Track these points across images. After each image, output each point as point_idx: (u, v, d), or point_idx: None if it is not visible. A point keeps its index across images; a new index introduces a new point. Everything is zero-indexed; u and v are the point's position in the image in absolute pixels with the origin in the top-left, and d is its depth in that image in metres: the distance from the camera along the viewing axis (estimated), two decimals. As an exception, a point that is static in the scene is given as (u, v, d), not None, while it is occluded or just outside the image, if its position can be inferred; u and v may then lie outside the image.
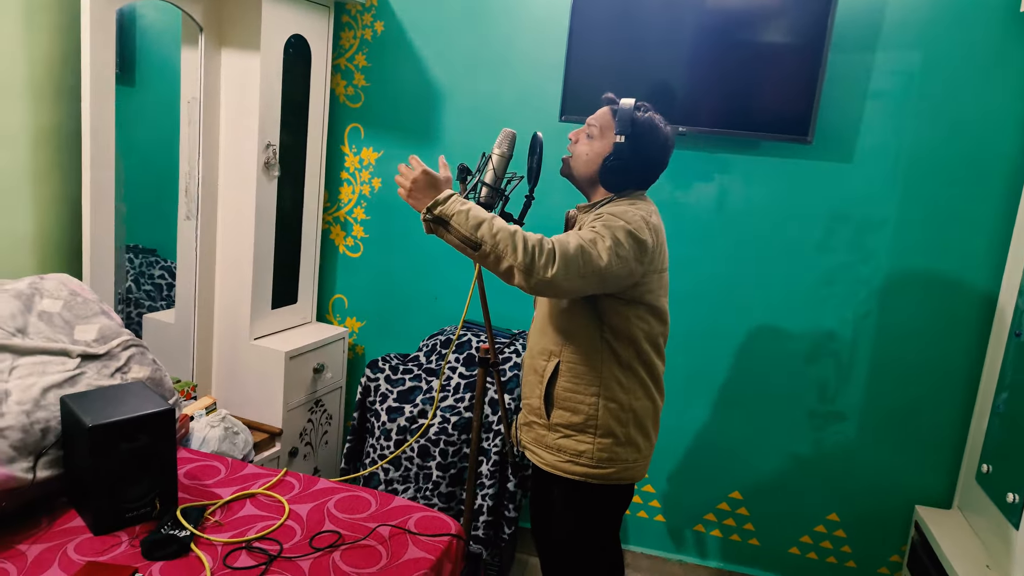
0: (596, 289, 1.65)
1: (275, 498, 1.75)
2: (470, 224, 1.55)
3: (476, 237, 1.54)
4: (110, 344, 1.82)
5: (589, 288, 1.63)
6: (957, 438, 2.46)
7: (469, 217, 1.56)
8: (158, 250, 2.80)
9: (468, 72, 2.68)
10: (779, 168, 2.47)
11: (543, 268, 1.53)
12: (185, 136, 2.42)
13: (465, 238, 1.55)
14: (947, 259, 2.40)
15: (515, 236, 1.54)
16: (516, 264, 1.53)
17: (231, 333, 2.57)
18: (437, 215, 1.58)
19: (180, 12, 2.29)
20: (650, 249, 1.67)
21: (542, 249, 1.54)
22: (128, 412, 1.56)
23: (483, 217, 1.56)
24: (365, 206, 2.85)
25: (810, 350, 2.55)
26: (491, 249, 1.54)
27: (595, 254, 1.58)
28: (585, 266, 1.57)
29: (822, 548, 2.65)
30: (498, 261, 1.55)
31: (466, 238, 1.55)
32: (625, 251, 1.62)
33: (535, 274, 1.53)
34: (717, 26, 2.38)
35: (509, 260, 1.53)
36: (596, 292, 1.68)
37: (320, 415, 2.77)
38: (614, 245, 1.60)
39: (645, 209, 1.73)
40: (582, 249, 1.57)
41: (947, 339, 2.43)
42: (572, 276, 1.56)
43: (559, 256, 1.54)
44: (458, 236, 1.56)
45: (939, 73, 2.32)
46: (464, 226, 1.55)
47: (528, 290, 1.58)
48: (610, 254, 1.59)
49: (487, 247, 1.54)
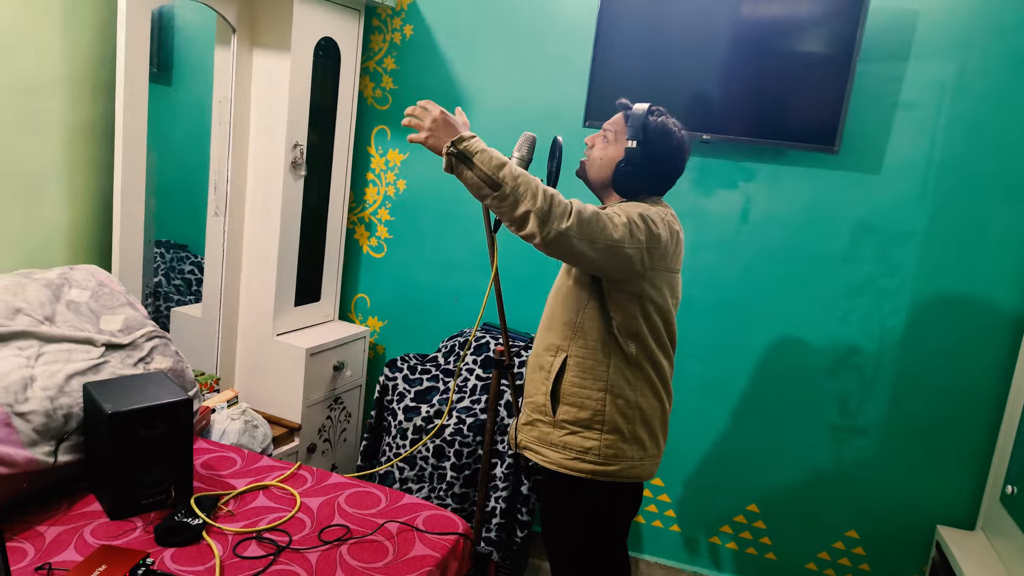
0: (604, 263, 1.62)
1: (287, 491, 1.78)
2: (493, 163, 1.55)
3: (498, 177, 1.54)
4: (134, 335, 1.87)
5: (598, 259, 1.60)
6: (982, 458, 2.40)
7: (493, 157, 1.56)
8: (189, 246, 2.86)
9: (494, 76, 2.70)
10: (804, 177, 2.44)
11: (558, 218, 1.53)
12: (216, 135, 2.47)
13: (487, 176, 1.54)
14: (976, 275, 2.35)
15: (535, 182, 1.55)
16: (533, 209, 1.52)
17: (255, 328, 2.62)
18: (462, 150, 1.57)
19: (214, 13, 2.34)
20: (663, 242, 1.67)
21: (560, 201, 1.55)
22: (147, 401, 1.61)
23: (505, 160, 1.57)
24: (390, 207, 2.89)
25: (832, 363, 2.51)
26: (511, 191, 1.53)
27: (610, 226, 1.59)
28: (599, 232, 1.57)
29: (840, 565, 2.60)
30: (515, 205, 1.53)
31: (487, 176, 1.54)
32: (639, 232, 1.62)
33: (550, 222, 1.52)
34: (744, 34, 2.37)
35: (527, 204, 1.53)
36: (602, 270, 1.66)
37: (339, 412, 2.80)
38: (629, 223, 1.62)
39: (661, 210, 1.73)
40: (598, 216, 1.58)
41: (974, 356, 2.38)
42: (584, 237, 1.55)
43: (575, 212, 1.55)
44: (479, 175, 1.55)
45: (974, 86, 2.27)
46: (487, 164, 1.55)
47: (540, 241, 1.56)
48: (624, 230, 1.60)
49: (507, 188, 1.53)
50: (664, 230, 1.67)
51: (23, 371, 1.62)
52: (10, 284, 1.79)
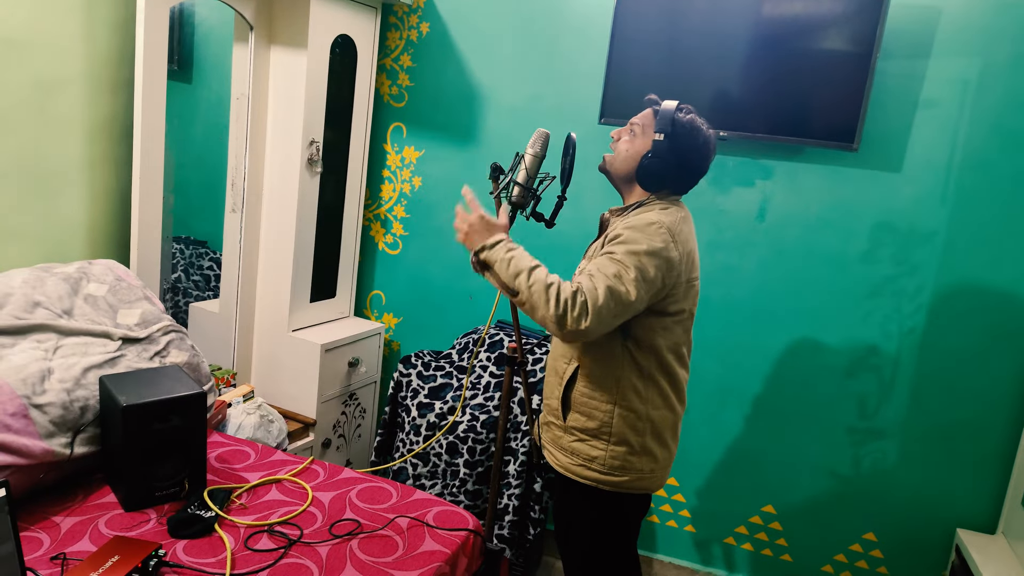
0: (626, 318, 1.66)
1: (300, 485, 1.79)
2: (509, 273, 1.64)
3: (514, 286, 1.63)
4: (151, 329, 1.89)
5: (621, 321, 1.66)
6: (1003, 461, 2.36)
7: (510, 266, 1.64)
8: (208, 242, 2.89)
9: (510, 74, 2.69)
10: (823, 175, 2.42)
11: (575, 321, 1.58)
12: (233, 132, 2.49)
13: (504, 285, 1.66)
14: (998, 275, 2.30)
15: (548, 290, 1.59)
16: (548, 316, 1.59)
17: (271, 324, 2.64)
18: (482, 259, 1.69)
19: (232, 11, 2.36)
20: (676, 264, 1.66)
21: (574, 303, 1.58)
22: (162, 394, 1.62)
23: (522, 267, 1.63)
24: (405, 204, 2.90)
25: (851, 364, 2.48)
26: (526, 299, 1.62)
27: (623, 291, 1.60)
28: (616, 306, 1.60)
29: (857, 568, 2.57)
30: (533, 310, 1.62)
31: (504, 285, 1.66)
32: (651, 275, 1.62)
33: (567, 326, 1.58)
34: (762, 32, 2.34)
35: (542, 311, 1.60)
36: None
37: (354, 408, 2.81)
38: (639, 275, 1.61)
39: (674, 216, 1.71)
40: (610, 292, 1.59)
41: (995, 357, 2.33)
42: (604, 321, 1.60)
43: (591, 309, 1.58)
44: (498, 282, 1.68)
45: (997, 83, 2.23)
46: (504, 274, 1.65)
47: (562, 339, 1.66)
48: (637, 287, 1.60)
49: (523, 296, 1.62)
50: (675, 248, 1.66)
51: (41, 363, 1.64)
52: (29, 278, 1.82)
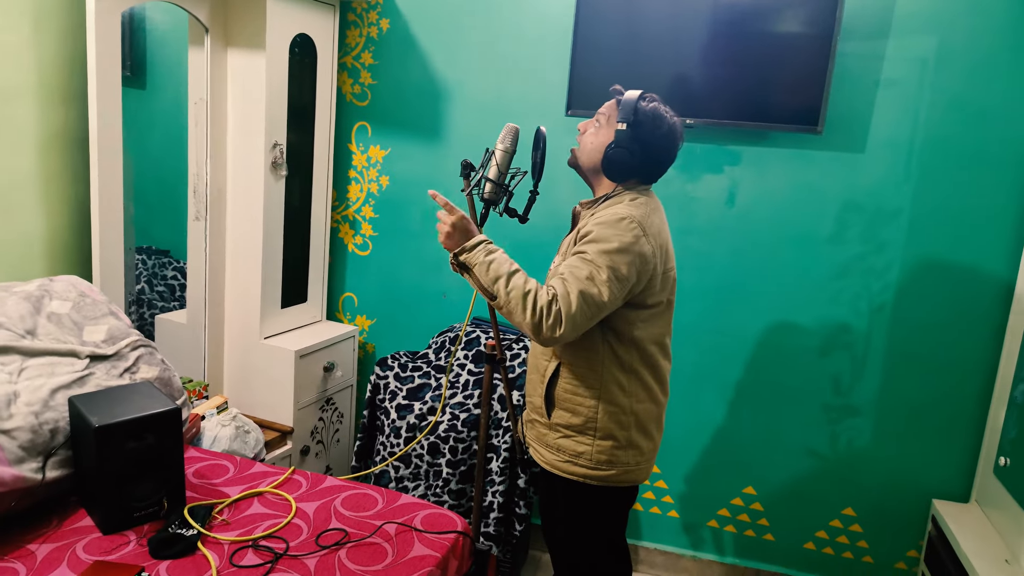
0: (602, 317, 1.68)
1: (282, 496, 1.75)
2: (488, 277, 1.65)
3: (492, 290, 1.65)
4: (119, 345, 1.84)
5: (596, 321, 1.67)
6: (974, 431, 2.41)
7: (489, 270, 1.65)
8: (171, 251, 2.82)
9: (475, 68, 2.67)
10: (789, 159, 2.44)
11: (550, 329, 1.61)
12: (193, 137, 2.43)
13: (482, 288, 1.67)
14: (963, 249, 2.35)
15: (526, 298, 1.61)
16: (524, 323, 1.62)
17: (242, 333, 2.59)
18: (462, 261, 1.69)
19: (186, 14, 2.30)
20: (650, 257, 1.66)
21: (549, 311, 1.60)
22: (135, 412, 1.58)
23: (501, 272, 1.64)
24: (373, 204, 2.86)
25: (824, 344, 2.51)
26: (504, 303, 1.64)
27: (595, 293, 1.61)
28: (589, 310, 1.62)
29: (838, 543, 2.61)
30: (510, 315, 1.64)
31: (483, 288, 1.67)
32: (624, 273, 1.62)
33: (542, 334, 1.61)
34: (723, 17, 2.35)
35: (518, 317, 1.62)
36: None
37: (331, 413, 2.77)
38: (612, 275, 1.61)
39: (645, 208, 1.70)
40: (583, 297, 1.60)
41: (963, 330, 2.39)
42: (579, 326, 1.63)
43: (565, 318, 1.60)
44: (477, 284, 1.68)
45: (955, 60, 2.27)
46: (483, 277, 1.66)
47: (539, 344, 1.67)
48: (610, 287, 1.61)
49: (500, 301, 1.64)
50: (646, 244, 1.65)
51: (6, 387, 1.58)
52: (-12, 299, 1.75)
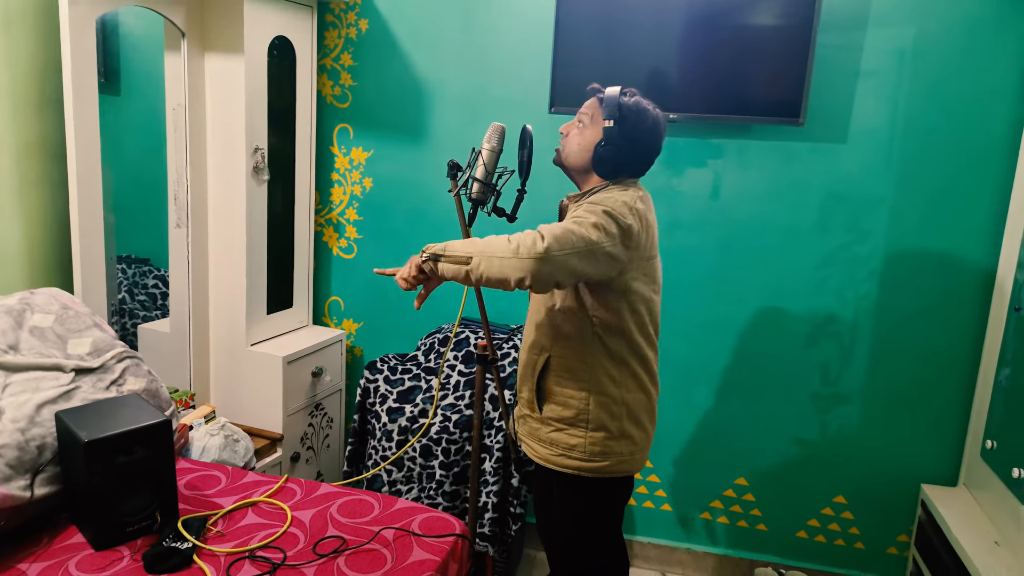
0: (590, 268, 1.62)
1: (277, 505, 1.73)
2: (458, 247, 1.63)
3: (466, 253, 1.61)
4: (104, 357, 1.80)
5: (584, 265, 1.60)
6: (960, 415, 2.45)
7: (455, 242, 1.65)
8: (151, 259, 2.77)
9: (455, 67, 2.65)
10: (772, 151, 2.45)
11: (532, 246, 1.55)
12: (172, 143, 2.39)
13: (457, 259, 1.62)
14: (945, 236, 2.38)
15: (498, 237, 1.61)
16: (506, 256, 1.56)
17: (227, 340, 2.56)
18: (432, 254, 1.66)
19: (162, 18, 2.26)
20: (635, 233, 1.66)
21: (527, 235, 1.58)
22: (124, 425, 1.55)
23: (468, 240, 1.66)
24: (357, 207, 2.83)
25: (811, 333, 2.53)
26: (480, 256, 1.59)
27: (582, 231, 1.60)
28: (577, 239, 1.58)
29: (830, 531, 2.64)
30: (490, 263, 1.58)
31: (457, 258, 1.62)
32: (610, 229, 1.62)
33: (526, 255, 1.55)
34: (703, 11, 2.35)
35: (499, 255, 1.57)
36: (589, 276, 1.65)
37: (321, 419, 2.75)
38: (598, 222, 1.61)
39: (632, 195, 1.71)
40: (568, 228, 1.59)
41: (947, 316, 2.41)
42: (566, 251, 1.56)
43: (547, 234, 1.57)
44: (451, 260, 1.63)
45: (933, 50, 2.30)
46: (454, 248, 1.63)
47: (531, 277, 1.56)
48: (597, 231, 1.61)
49: (476, 257, 1.60)
50: (633, 219, 1.66)
51: (-10, 404, 1.54)
52: (-32, 314, 1.71)
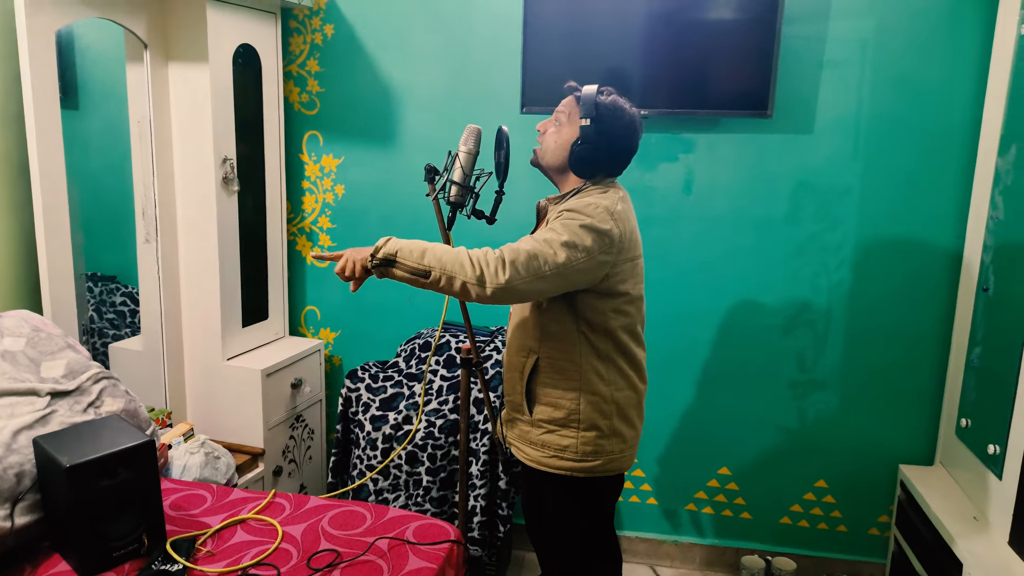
0: (563, 287, 1.65)
1: (267, 521, 1.71)
2: (415, 255, 1.60)
3: (424, 265, 1.59)
4: (79, 379, 1.76)
5: (554, 287, 1.63)
6: (935, 395, 2.50)
7: (412, 249, 1.61)
8: (118, 276, 2.72)
9: (424, 70, 2.64)
10: (742, 144, 2.48)
11: (494, 275, 1.56)
12: (138, 157, 2.34)
13: (414, 269, 1.60)
14: (912, 222, 2.43)
15: (459, 255, 1.59)
16: (467, 279, 1.57)
17: (203, 355, 2.51)
18: (382, 258, 1.62)
19: (122, 30, 2.21)
20: (616, 239, 1.66)
21: (488, 260, 1.58)
22: (106, 448, 1.51)
23: (424, 246, 1.61)
24: (330, 214, 2.80)
25: (786, 322, 2.57)
26: (440, 272, 1.58)
27: (550, 253, 1.59)
28: (543, 266, 1.58)
29: (812, 515, 2.68)
30: (450, 282, 1.58)
31: (415, 269, 1.59)
32: (586, 244, 1.61)
33: (488, 283, 1.56)
34: (669, 7, 2.37)
35: (460, 277, 1.57)
36: (565, 290, 1.67)
37: (302, 431, 2.71)
38: (571, 240, 1.60)
39: (611, 197, 1.71)
40: (535, 252, 1.58)
41: (917, 300, 2.47)
42: (529, 278, 1.58)
43: (508, 262, 1.57)
44: (407, 270, 1.60)
45: (893, 39, 2.35)
46: (410, 258, 1.60)
47: (489, 300, 1.60)
48: (568, 250, 1.60)
49: (436, 272, 1.58)
50: (614, 224, 1.66)
51: (-37, 433, 1.49)
52: (-66, 341, 1.65)
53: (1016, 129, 2.08)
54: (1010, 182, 2.09)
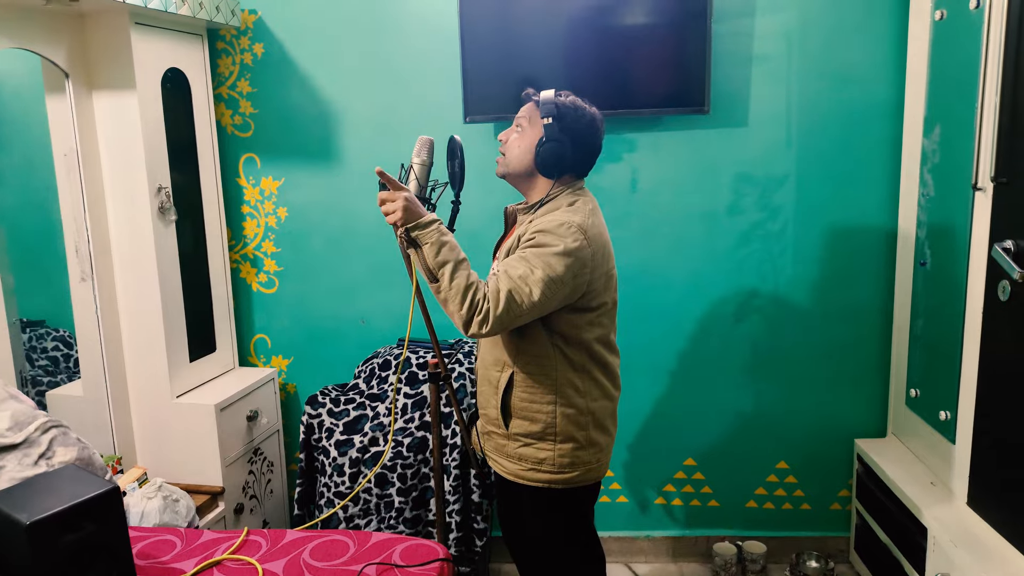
0: (540, 315, 1.68)
1: (244, 561, 1.63)
2: (438, 259, 1.63)
3: (437, 274, 1.64)
4: (27, 430, 1.64)
5: (532, 318, 1.67)
6: (883, 369, 2.61)
7: (440, 252, 1.63)
8: (47, 320, 2.57)
9: (361, 85, 2.59)
10: (682, 140, 2.54)
11: (478, 325, 1.62)
12: (66, 191, 2.22)
13: (426, 268, 1.65)
14: (847, 205, 2.53)
15: (466, 291, 1.61)
16: (457, 314, 1.63)
17: (150, 395, 2.39)
18: (413, 237, 1.64)
19: (39, 60, 2.09)
20: (589, 258, 1.67)
21: (480, 309, 1.62)
22: (67, 500, 1.40)
23: (450, 259, 1.63)
24: (274, 238, 2.72)
25: (737, 310, 2.63)
26: (444, 290, 1.63)
27: (526, 292, 1.61)
28: (519, 307, 1.62)
29: (776, 496, 2.75)
30: (446, 303, 1.65)
31: (427, 269, 1.64)
32: (560, 274, 1.63)
33: (471, 329, 1.64)
34: (602, 10, 2.41)
35: (453, 308, 1.64)
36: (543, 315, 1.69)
37: (261, 464, 2.61)
38: (545, 275, 1.62)
39: (582, 211, 1.72)
40: (511, 297, 1.61)
41: (859, 279, 2.57)
42: (507, 323, 1.64)
43: (492, 318, 1.61)
44: (421, 263, 1.65)
45: (815, 31, 2.44)
46: (432, 258, 1.63)
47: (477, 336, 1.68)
48: (543, 287, 1.61)
49: (442, 286, 1.63)
50: (586, 243, 1.66)
51: (-96, 501, 1.37)
52: None
53: (938, 110, 2.20)
54: (937, 160, 2.20)
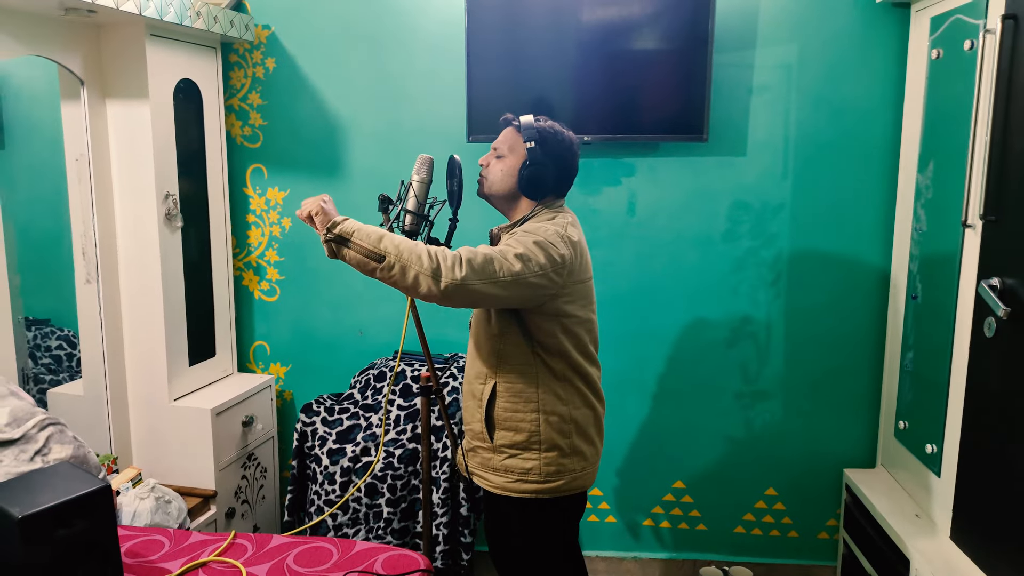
0: (513, 298, 1.66)
1: (229, 563, 1.66)
2: (372, 238, 1.58)
3: (380, 249, 1.57)
4: (25, 426, 1.69)
5: (506, 295, 1.63)
6: (873, 400, 2.63)
7: (370, 233, 1.59)
8: (52, 319, 2.62)
9: (368, 101, 2.65)
10: (680, 166, 2.58)
11: (450, 270, 1.55)
12: (76, 196, 2.28)
13: (368, 251, 1.57)
14: (842, 235, 2.57)
15: (418, 246, 1.58)
16: (422, 270, 1.55)
17: (148, 397, 2.43)
18: (337, 234, 1.60)
19: (56, 67, 2.16)
20: (567, 262, 1.71)
21: (445, 255, 1.57)
22: (59, 496, 1.44)
23: (382, 232, 1.60)
24: (277, 247, 2.77)
25: (729, 336, 2.66)
26: (395, 259, 1.56)
27: (506, 262, 1.61)
28: (499, 271, 1.59)
29: (765, 523, 2.76)
30: (404, 272, 1.56)
31: (369, 251, 1.57)
32: (539, 261, 1.65)
33: (443, 277, 1.55)
34: (606, 37, 2.46)
35: (415, 268, 1.55)
36: (515, 304, 1.69)
37: (254, 469, 2.65)
38: (525, 253, 1.64)
39: (562, 222, 1.76)
40: (491, 257, 1.60)
41: (851, 309, 2.60)
42: (484, 281, 1.58)
43: (466, 260, 1.57)
44: (361, 251, 1.58)
45: (814, 64, 2.49)
46: (366, 240, 1.58)
47: (440, 297, 1.57)
48: (522, 262, 1.62)
49: (391, 258, 1.56)
50: (565, 247, 1.70)
51: (-98, 491, 1.41)
52: None
53: (933, 146, 2.23)
54: (931, 196, 2.24)
